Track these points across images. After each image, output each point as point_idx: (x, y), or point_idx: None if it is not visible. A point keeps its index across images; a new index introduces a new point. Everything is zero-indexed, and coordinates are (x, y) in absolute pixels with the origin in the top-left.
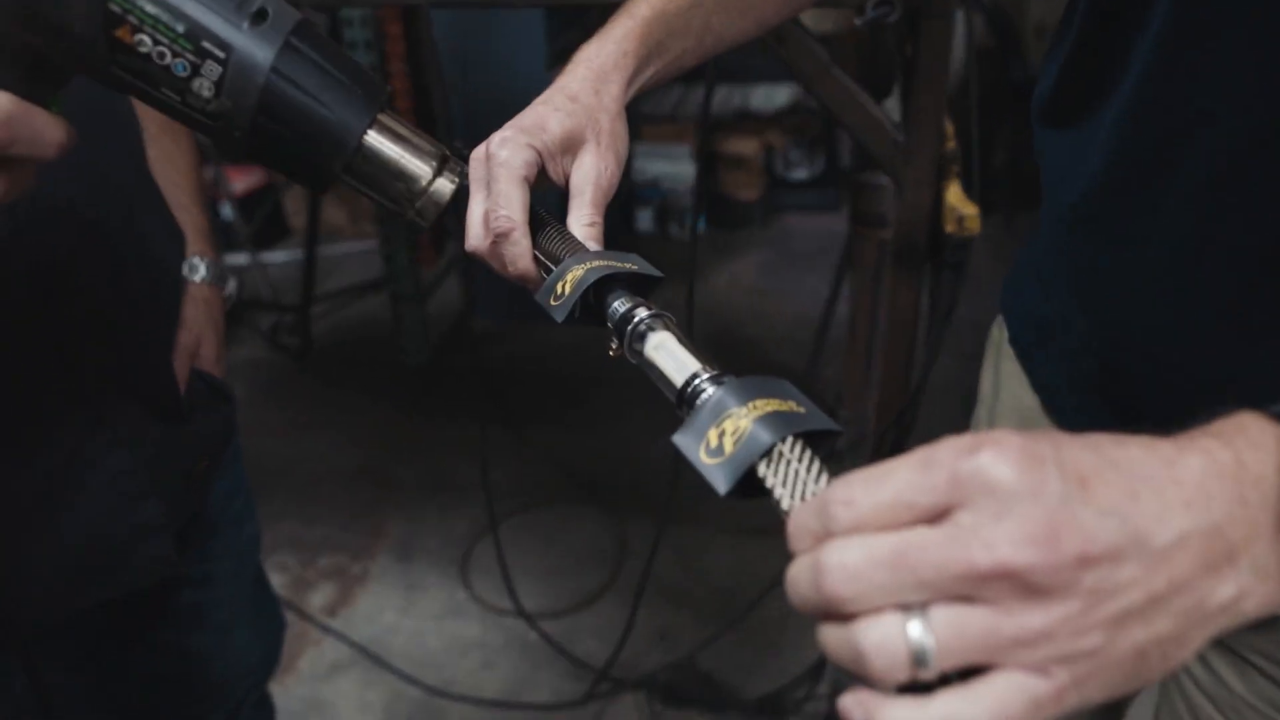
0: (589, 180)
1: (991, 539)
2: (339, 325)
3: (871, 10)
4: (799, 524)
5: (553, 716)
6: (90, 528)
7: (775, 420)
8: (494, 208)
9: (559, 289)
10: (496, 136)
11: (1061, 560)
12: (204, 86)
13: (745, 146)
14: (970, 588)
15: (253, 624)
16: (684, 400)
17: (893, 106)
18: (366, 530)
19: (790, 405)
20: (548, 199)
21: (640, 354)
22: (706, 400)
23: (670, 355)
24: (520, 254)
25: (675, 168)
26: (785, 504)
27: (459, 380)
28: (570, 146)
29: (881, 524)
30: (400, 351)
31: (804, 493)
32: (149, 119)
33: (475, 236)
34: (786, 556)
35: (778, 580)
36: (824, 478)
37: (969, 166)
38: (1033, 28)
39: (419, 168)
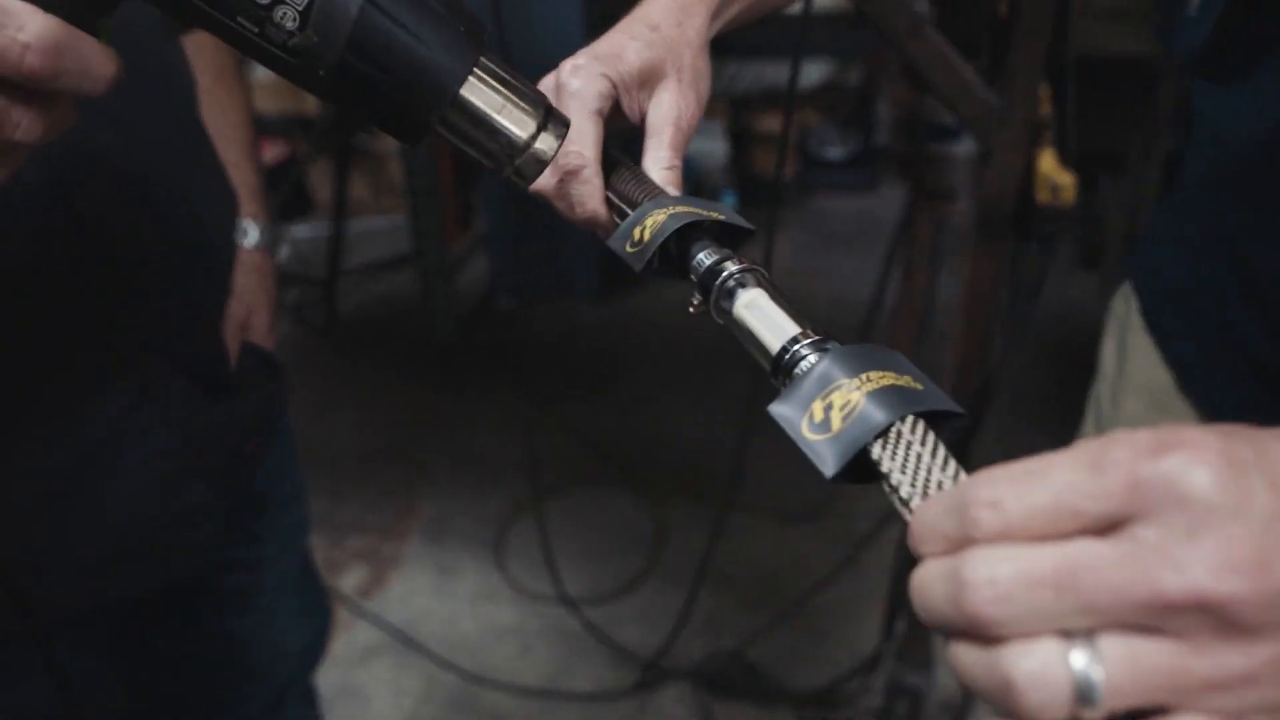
0: (668, 119)
1: (1184, 561)
2: (364, 301)
3: None
4: (928, 523)
5: (596, 706)
6: (131, 511)
7: (891, 396)
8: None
9: (636, 235)
10: (568, 64)
11: (1272, 593)
12: (287, 16)
13: (778, 124)
14: (1153, 617)
15: (297, 611)
16: (781, 368)
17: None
18: (397, 510)
19: (906, 380)
20: (616, 140)
21: (729, 313)
22: (811, 369)
23: (765, 315)
24: (590, 194)
25: (707, 144)
26: (905, 492)
27: (487, 357)
28: (648, 80)
29: (1036, 533)
30: (427, 328)
31: (928, 481)
32: (202, 68)
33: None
34: (833, 543)
35: (828, 570)
36: (951, 465)
37: (1064, 133)
38: None
39: (521, 120)
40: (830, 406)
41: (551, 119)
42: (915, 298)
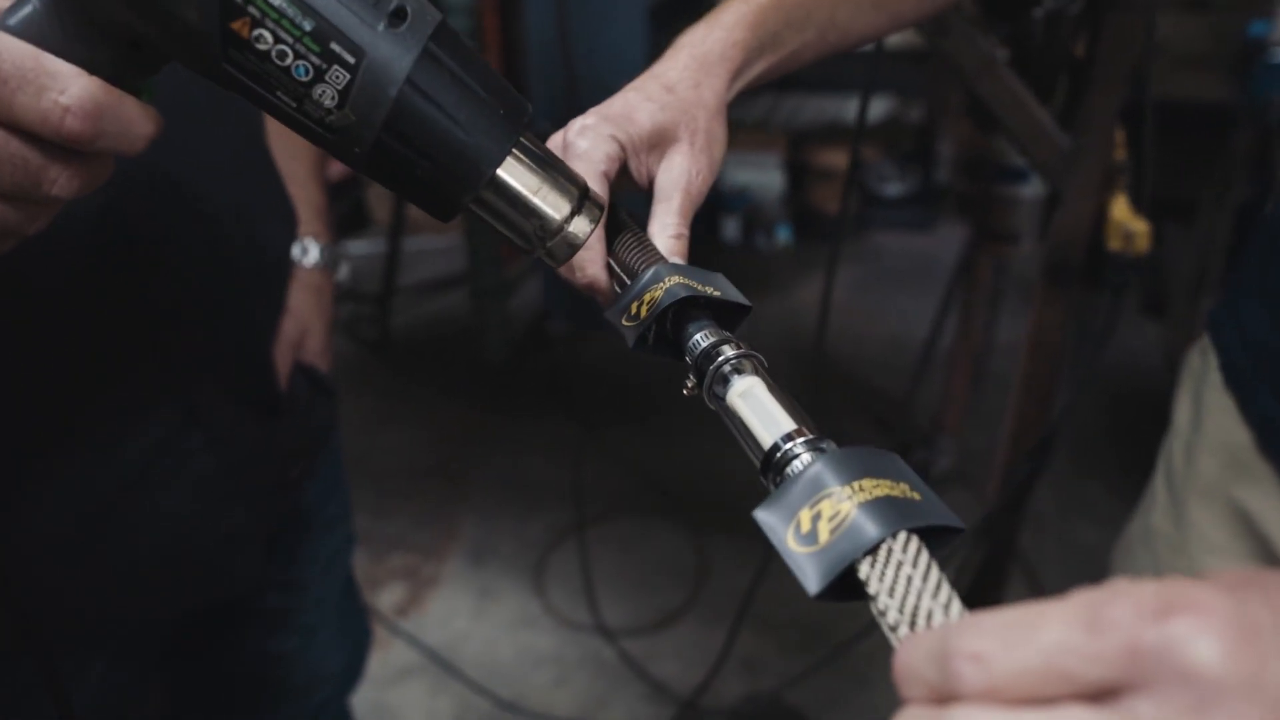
0: (678, 184)
1: None
2: (418, 320)
3: (1052, 0)
4: (910, 666)
5: None
6: (171, 533)
7: (886, 508)
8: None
9: (633, 309)
10: (577, 123)
11: None
12: (326, 95)
13: (837, 159)
14: None
15: (338, 631)
16: (771, 466)
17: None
18: (439, 530)
19: (903, 489)
20: (630, 201)
21: (721, 400)
22: (801, 472)
23: (759, 407)
24: (590, 259)
25: (764, 177)
26: (891, 618)
27: (536, 381)
28: (659, 143)
29: (1024, 694)
30: (479, 349)
31: (917, 610)
32: None
33: None
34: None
35: (870, 618)
36: (944, 592)
37: (1140, 179)
38: None
39: (557, 203)
40: (819, 516)
41: (587, 202)
42: (972, 340)
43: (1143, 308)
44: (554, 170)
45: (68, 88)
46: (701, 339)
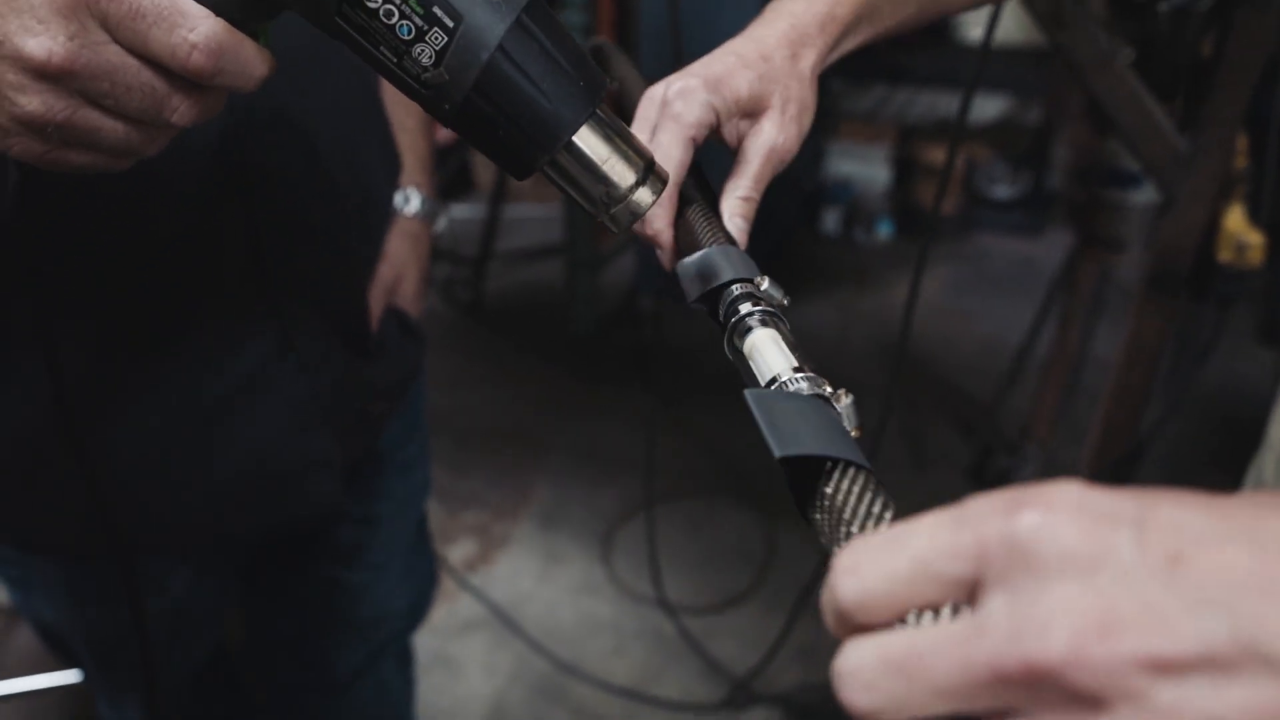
0: (762, 150)
1: (1021, 630)
2: (511, 286)
3: None
4: (824, 598)
5: (681, 715)
6: (259, 452)
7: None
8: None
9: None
10: (678, 82)
11: (1118, 658)
12: (424, 53)
13: (945, 156)
14: (1007, 697)
15: (407, 570)
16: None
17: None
18: (513, 491)
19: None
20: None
21: (739, 351)
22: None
23: (763, 355)
24: (659, 215)
25: (869, 170)
26: (825, 539)
27: (621, 354)
28: (753, 110)
29: (899, 601)
30: (568, 319)
31: (847, 533)
32: None
33: None
34: None
35: None
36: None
37: (1260, 189)
38: None
39: (623, 173)
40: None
41: (652, 175)
42: (1068, 349)
43: (1257, 334)
44: (624, 142)
45: (197, 26)
46: (730, 299)
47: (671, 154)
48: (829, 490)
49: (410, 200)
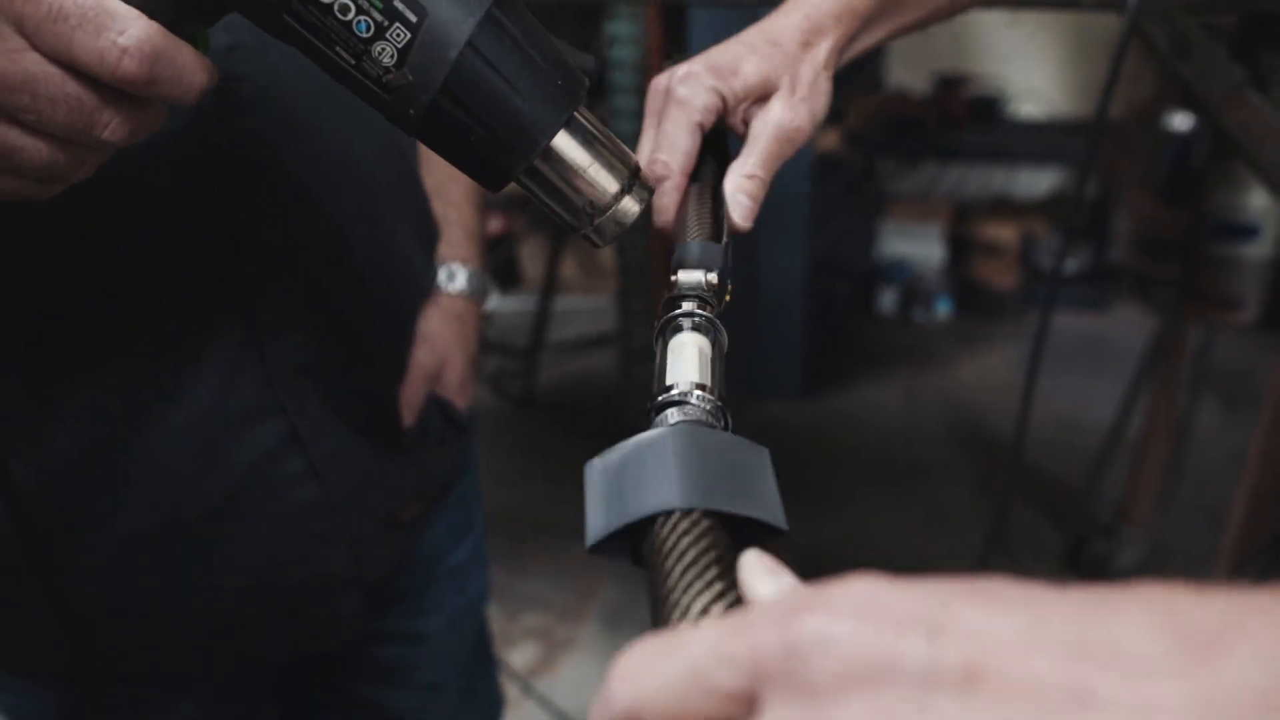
0: (769, 127)
1: None
2: (563, 377)
3: None
4: (596, 703)
5: None
6: (262, 569)
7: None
8: (654, 148)
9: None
10: (682, 69)
11: None
12: (385, 52)
13: (1003, 232)
14: None
15: (468, 691)
16: (653, 408)
17: None
18: (576, 591)
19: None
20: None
21: (664, 345)
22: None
23: (679, 359)
24: (664, 207)
25: (924, 249)
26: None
27: None
28: (761, 95)
29: (671, 715)
30: (621, 409)
31: (673, 602)
32: None
33: None
34: None
35: None
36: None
37: None
38: None
39: (607, 180)
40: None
41: (638, 182)
42: (1167, 422)
43: None
44: (607, 147)
45: (127, 29)
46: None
47: (678, 142)
48: (650, 548)
49: (455, 276)
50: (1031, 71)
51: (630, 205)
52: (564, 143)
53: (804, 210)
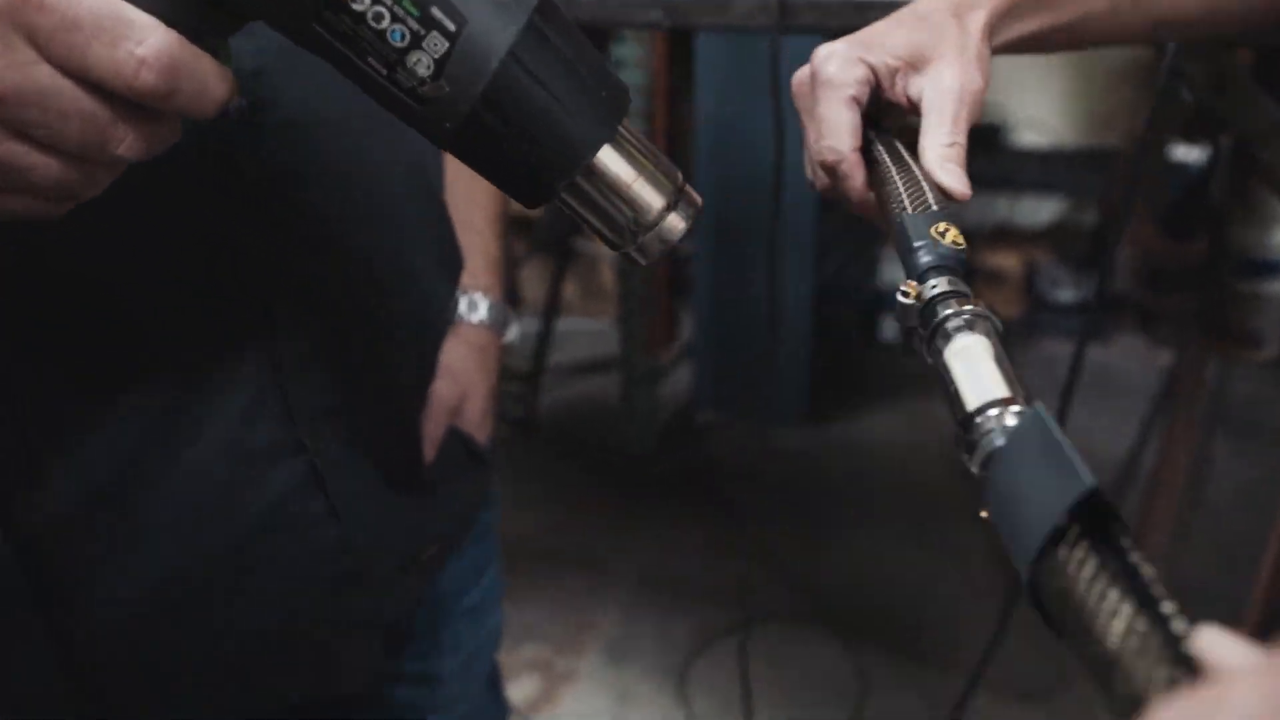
0: (949, 92)
1: None
2: (564, 401)
3: None
4: None
5: None
6: (277, 615)
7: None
8: (816, 136)
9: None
10: (823, 49)
11: None
12: (422, 63)
13: (1005, 261)
14: None
15: None
16: (966, 433)
17: None
18: (577, 622)
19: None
20: None
21: (940, 355)
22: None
23: (970, 369)
24: (852, 188)
25: None
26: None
27: (683, 471)
28: (919, 62)
29: None
30: (624, 436)
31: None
32: None
33: (811, 174)
34: None
35: None
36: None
37: None
38: None
39: (652, 196)
40: None
41: (683, 198)
42: (1183, 458)
43: None
44: (651, 161)
45: (145, 39)
46: (936, 286)
47: (838, 122)
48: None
49: (477, 307)
50: (1035, 100)
51: (676, 222)
52: (608, 157)
53: (810, 237)
